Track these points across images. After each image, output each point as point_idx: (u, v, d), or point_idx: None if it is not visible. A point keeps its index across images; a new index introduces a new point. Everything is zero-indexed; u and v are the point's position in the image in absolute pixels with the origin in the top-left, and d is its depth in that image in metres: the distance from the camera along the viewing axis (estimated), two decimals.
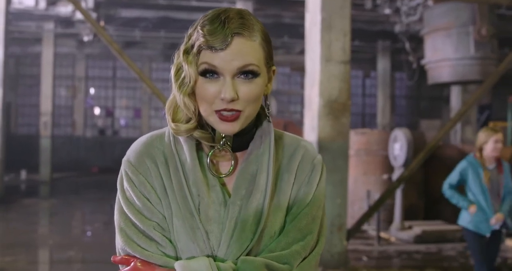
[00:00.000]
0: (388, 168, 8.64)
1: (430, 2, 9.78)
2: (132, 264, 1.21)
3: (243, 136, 1.26)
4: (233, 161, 1.26)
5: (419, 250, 7.51)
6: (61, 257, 7.04)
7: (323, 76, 5.92)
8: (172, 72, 1.22)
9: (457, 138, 13.01)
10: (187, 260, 1.20)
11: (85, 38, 14.95)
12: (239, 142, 1.26)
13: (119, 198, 1.26)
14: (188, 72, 1.18)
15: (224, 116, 1.18)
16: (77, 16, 13.19)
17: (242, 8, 1.23)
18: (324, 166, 1.32)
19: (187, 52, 1.20)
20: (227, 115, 1.18)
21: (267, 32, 1.23)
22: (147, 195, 1.24)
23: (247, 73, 1.18)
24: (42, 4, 12.91)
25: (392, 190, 7.31)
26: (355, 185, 8.69)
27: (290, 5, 12.60)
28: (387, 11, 11.99)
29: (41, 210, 11.39)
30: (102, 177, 17.19)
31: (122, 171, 1.27)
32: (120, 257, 1.23)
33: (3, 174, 11.78)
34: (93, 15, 12.29)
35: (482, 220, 4.40)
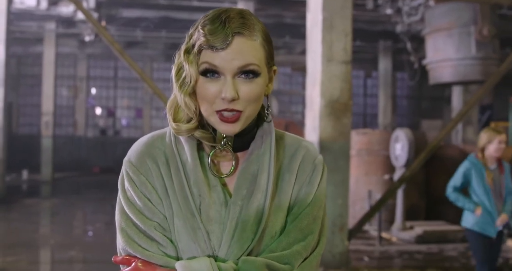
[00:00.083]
0: (390, 168, 8.64)
1: (431, 2, 9.77)
2: (133, 264, 1.21)
3: (244, 136, 1.26)
4: (234, 161, 1.26)
5: (420, 250, 7.51)
6: (63, 257, 7.04)
7: (324, 76, 5.92)
8: (173, 72, 1.22)
9: (459, 138, 13.01)
10: (188, 260, 1.20)
11: (87, 38, 14.95)
12: (240, 142, 1.26)
13: (120, 198, 1.26)
14: (189, 72, 1.18)
15: (225, 116, 1.17)
16: (78, 16, 13.21)
17: (243, 8, 1.23)
18: (325, 166, 1.32)
19: (188, 52, 1.20)
20: (228, 116, 1.17)
21: (268, 32, 1.23)
22: (148, 195, 1.24)
23: (248, 72, 1.17)
24: (44, 4, 12.92)
25: (394, 190, 7.30)
26: (357, 185, 8.69)
27: (291, 5, 12.59)
28: (388, 11, 11.98)
29: (42, 210, 11.39)
30: (104, 177, 17.21)
31: (123, 171, 1.27)
32: (121, 257, 1.23)
33: (5, 174, 11.79)
34: (95, 15, 12.30)
35: (488, 221, 4.36)
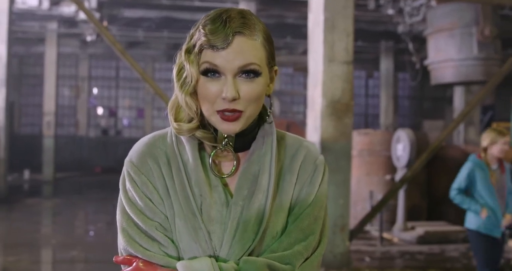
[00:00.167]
0: (391, 168, 8.63)
1: (433, 2, 9.77)
2: (134, 264, 1.21)
3: (245, 137, 1.26)
4: (235, 162, 1.26)
5: (421, 251, 7.50)
6: (64, 257, 7.04)
7: (326, 76, 5.92)
8: (174, 71, 1.22)
9: (460, 138, 13.00)
10: (189, 260, 1.20)
11: (88, 38, 14.96)
12: (241, 142, 1.26)
13: (121, 198, 1.26)
14: (190, 72, 1.18)
15: (226, 116, 1.17)
16: (80, 16, 13.20)
17: (244, 8, 1.23)
18: (326, 166, 1.32)
19: (188, 52, 1.20)
20: (229, 116, 1.17)
21: (269, 32, 1.23)
22: (149, 195, 1.24)
23: (249, 72, 1.17)
24: (46, 4, 12.94)
25: (395, 191, 7.30)
26: (358, 186, 8.68)
27: (293, 5, 12.59)
28: (390, 11, 11.98)
29: (44, 210, 11.41)
30: (105, 177, 17.23)
31: (124, 172, 1.27)
32: (122, 257, 1.23)
33: (6, 173, 11.80)
34: (96, 15, 12.30)
35: (493, 222, 4.33)
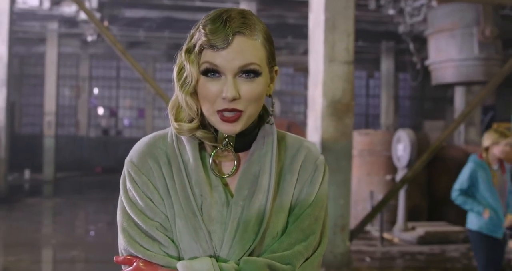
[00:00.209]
0: (392, 169, 8.63)
1: (434, 2, 9.77)
2: (135, 264, 1.21)
3: (245, 137, 1.26)
4: (235, 162, 1.26)
5: (422, 251, 7.50)
6: (65, 257, 7.05)
7: (326, 76, 5.92)
8: (175, 71, 1.23)
9: (461, 139, 13.00)
10: (189, 260, 1.20)
11: (89, 38, 14.97)
12: (241, 142, 1.26)
13: (121, 198, 1.26)
14: (190, 72, 1.19)
15: (226, 116, 1.17)
16: (81, 16, 13.20)
17: (244, 9, 1.23)
18: (326, 166, 1.32)
19: (189, 52, 1.20)
20: (228, 116, 1.17)
21: (269, 32, 1.23)
22: (150, 196, 1.24)
23: (249, 72, 1.17)
24: (46, 4, 12.94)
25: (396, 191, 7.30)
26: (359, 186, 8.68)
27: (293, 5, 12.59)
28: (391, 11, 11.97)
29: (44, 209, 11.41)
30: (106, 177, 17.23)
31: (125, 172, 1.27)
32: (122, 257, 1.23)
33: (7, 173, 11.80)
34: (97, 15, 12.31)
35: (495, 223, 4.31)
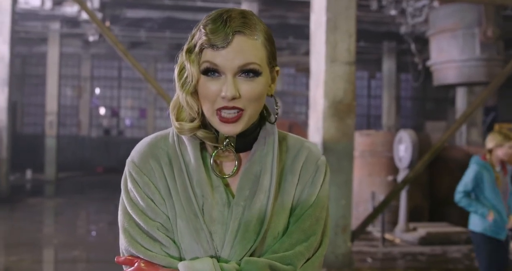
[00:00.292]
0: (393, 169, 8.62)
1: (435, 3, 9.76)
2: (136, 264, 1.21)
3: (246, 137, 1.26)
4: (236, 162, 1.26)
5: (423, 252, 7.49)
6: (66, 257, 7.05)
7: (328, 77, 5.92)
8: (176, 71, 1.23)
9: (463, 139, 12.98)
10: (191, 261, 1.20)
11: (91, 38, 14.99)
12: (242, 142, 1.26)
13: (123, 198, 1.26)
14: (190, 71, 1.19)
15: (225, 117, 1.17)
16: (82, 16, 13.22)
17: (245, 9, 1.23)
18: (328, 167, 1.32)
19: (189, 51, 1.20)
20: (228, 117, 1.17)
21: (270, 33, 1.23)
22: (151, 196, 1.24)
23: (249, 71, 1.17)
24: (48, 4, 12.95)
25: (397, 192, 7.29)
26: (360, 187, 8.67)
27: (295, 6, 12.59)
28: (392, 12, 11.96)
29: (46, 209, 11.42)
30: (107, 177, 17.24)
31: (126, 172, 1.27)
32: (123, 258, 1.23)
33: (9, 173, 11.81)
34: (99, 16, 12.31)
35: (499, 224, 4.29)
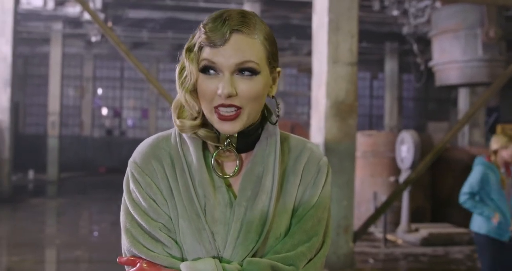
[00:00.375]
0: (395, 170, 8.62)
1: (438, 3, 9.76)
2: (138, 265, 1.21)
3: (248, 137, 1.26)
4: (238, 162, 1.26)
5: (425, 252, 7.48)
6: (68, 257, 7.06)
7: (330, 77, 5.92)
8: (177, 70, 1.24)
9: (465, 140, 12.96)
10: (193, 261, 1.20)
11: (93, 39, 15.00)
12: (244, 143, 1.26)
13: (125, 199, 1.26)
14: (190, 70, 1.19)
15: (223, 115, 1.17)
16: (85, 17, 13.24)
17: (246, 10, 1.23)
18: (329, 168, 1.32)
19: (189, 50, 1.21)
20: (226, 115, 1.17)
21: (271, 33, 1.23)
22: (153, 196, 1.24)
23: (246, 70, 1.17)
24: (51, 5, 12.96)
25: (399, 192, 7.28)
26: (362, 187, 8.67)
27: (297, 6, 12.59)
28: (395, 12, 11.96)
29: (48, 209, 11.43)
30: (109, 177, 17.25)
31: (128, 172, 1.27)
32: (126, 258, 1.23)
33: (11, 173, 11.83)
34: (101, 16, 12.33)
35: (503, 226, 4.28)
